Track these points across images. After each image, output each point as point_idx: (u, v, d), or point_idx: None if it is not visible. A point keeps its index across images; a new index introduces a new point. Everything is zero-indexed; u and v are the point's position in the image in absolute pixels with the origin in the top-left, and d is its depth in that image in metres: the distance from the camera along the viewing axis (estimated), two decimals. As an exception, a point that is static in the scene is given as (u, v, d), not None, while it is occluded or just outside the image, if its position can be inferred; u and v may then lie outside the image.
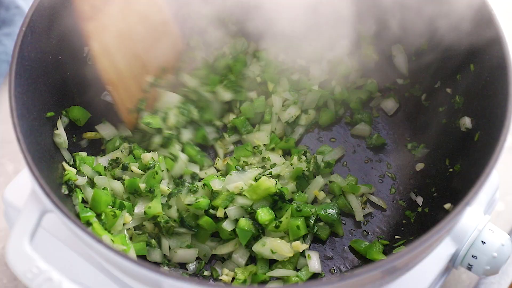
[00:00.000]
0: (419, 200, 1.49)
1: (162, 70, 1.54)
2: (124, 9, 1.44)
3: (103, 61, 1.43)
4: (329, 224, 1.46)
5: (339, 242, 1.47)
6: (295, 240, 1.42)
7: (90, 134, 1.50)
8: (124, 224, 1.40)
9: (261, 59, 1.61)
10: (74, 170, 1.40)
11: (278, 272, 1.39)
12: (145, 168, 1.45)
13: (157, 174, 1.42)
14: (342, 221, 1.49)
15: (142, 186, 1.42)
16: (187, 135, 1.54)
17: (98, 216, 1.36)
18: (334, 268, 1.44)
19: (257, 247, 1.40)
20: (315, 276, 1.41)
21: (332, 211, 1.45)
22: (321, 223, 1.47)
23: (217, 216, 1.42)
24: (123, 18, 1.44)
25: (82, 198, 1.37)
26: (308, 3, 1.50)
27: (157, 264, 1.42)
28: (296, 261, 1.41)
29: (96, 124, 1.53)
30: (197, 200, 1.41)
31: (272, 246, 1.39)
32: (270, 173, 1.48)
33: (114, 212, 1.37)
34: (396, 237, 1.46)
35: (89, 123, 1.51)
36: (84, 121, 1.50)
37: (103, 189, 1.41)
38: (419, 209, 1.48)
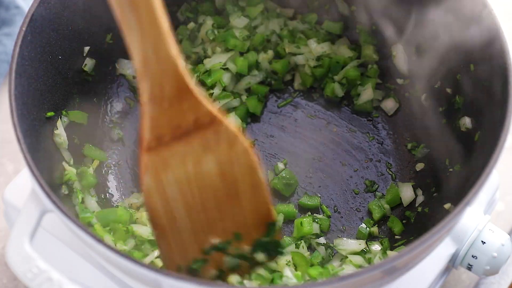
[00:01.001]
0: (419, 200, 1.49)
1: (235, 236, 1.24)
2: (198, 152, 1.15)
3: (153, 200, 1.16)
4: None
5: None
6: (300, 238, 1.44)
7: (95, 163, 1.49)
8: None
9: None
10: (74, 170, 1.40)
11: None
12: None
13: None
14: (342, 220, 1.50)
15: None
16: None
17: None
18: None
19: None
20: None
21: None
22: (319, 215, 1.49)
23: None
24: (195, 161, 1.15)
25: (82, 198, 1.37)
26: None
27: (157, 264, 1.42)
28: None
29: (96, 125, 1.53)
30: None
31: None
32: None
33: (127, 228, 1.37)
34: (396, 237, 1.46)
35: (90, 124, 1.51)
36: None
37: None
38: (419, 209, 1.48)
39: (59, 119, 1.41)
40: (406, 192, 1.50)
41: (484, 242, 1.35)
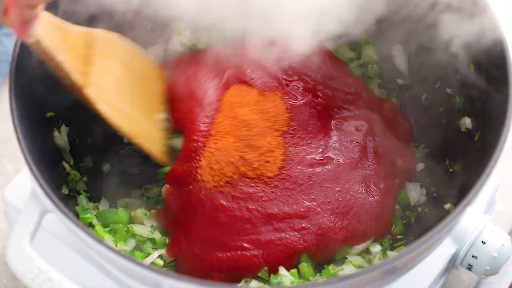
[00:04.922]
0: (420, 200, 1.49)
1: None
2: (109, 66, 1.39)
3: (116, 117, 1.36)
4: None
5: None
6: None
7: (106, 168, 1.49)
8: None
9: None
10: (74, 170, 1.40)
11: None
12: None
13: None
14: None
15: None
16: None
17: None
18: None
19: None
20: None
21: None
22: None
23: None
24: (111, 73, 1.39)
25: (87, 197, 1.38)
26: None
27: (157, 264, 1.42)
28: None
29: (97, 123, 1.52)
30: None
31: None
32: None
33: (127, 228, 1.37)
34: (397, 237, 1.46)
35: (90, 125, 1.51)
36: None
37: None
38: (419, 209, 1.48)
39: (60, 119, 1.41)
40: (414, 192, 1.49)
41: (484, 242, 1.35)
